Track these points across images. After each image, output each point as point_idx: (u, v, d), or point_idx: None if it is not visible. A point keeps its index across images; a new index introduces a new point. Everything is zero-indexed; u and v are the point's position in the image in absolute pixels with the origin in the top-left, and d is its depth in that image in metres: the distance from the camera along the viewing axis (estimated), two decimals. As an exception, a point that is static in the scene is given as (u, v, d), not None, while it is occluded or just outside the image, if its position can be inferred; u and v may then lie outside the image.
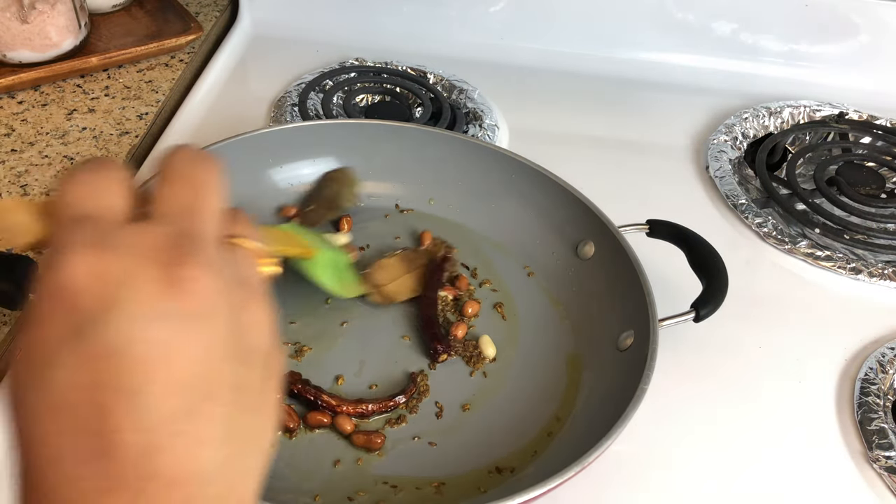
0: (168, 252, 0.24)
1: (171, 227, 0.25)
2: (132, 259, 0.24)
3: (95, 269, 0.23)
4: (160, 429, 0.23)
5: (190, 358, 0.23)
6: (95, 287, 0.23)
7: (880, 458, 0.55)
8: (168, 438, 0.23)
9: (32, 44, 0.78)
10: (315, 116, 0.80)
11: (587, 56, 0.94)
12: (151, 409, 0.23)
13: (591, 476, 0.49)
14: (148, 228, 0.25)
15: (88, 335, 0.23)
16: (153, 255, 0.24)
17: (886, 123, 0.87)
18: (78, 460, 0.22)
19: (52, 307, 0.23)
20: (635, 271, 0.58)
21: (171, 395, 0.23)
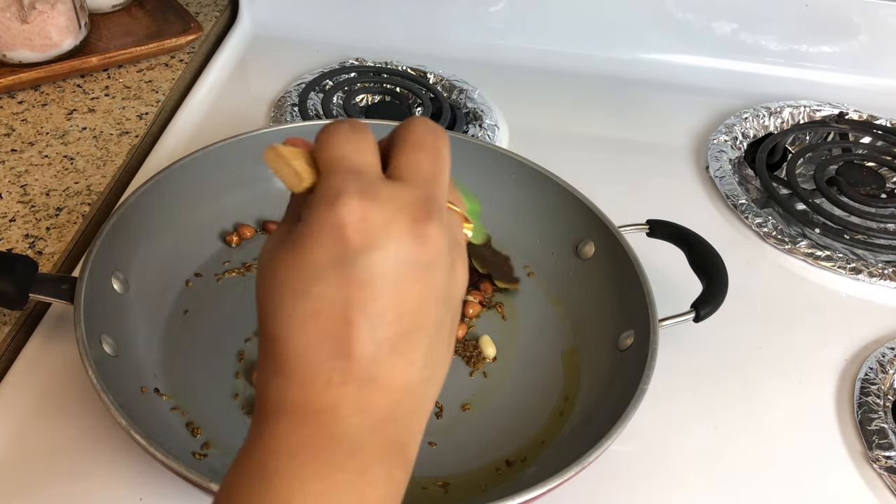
0: (417, 210, 0.29)
1: (420, 191, 0.30)
2: (391, 210, 0.29)
3: (364, 213, 0.28)
4: (385, 345, 0.29)
5: (416, 295, 0.29)
6: (363, 228, 0.28)
7: (880, 458, 0.55)
8: (388, 354, 0.29)
9: (32, 44, 0.78)
10: (315, 116, 0.80)
11: (587, 56, 0.94)
12: (382, 329, 0.29)
13: (591, 476, 0.49)
14: (404, 187, 0.30)
15: (352, 264, 0.28)
16: (406, 211, 0.29)
17: (886, 123, 0.87)
18: (324, 355, 0.28)
19: (326, 236, 0.28)
20: (635, 271, 0.58)
21: (398, 321, 0.29)
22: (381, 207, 0.29)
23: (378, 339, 0.29)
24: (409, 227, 0.29)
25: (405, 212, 0.29)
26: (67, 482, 0.50)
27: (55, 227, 0.65)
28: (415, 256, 0.29)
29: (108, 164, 0.72)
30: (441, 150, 0.32)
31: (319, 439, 0.29)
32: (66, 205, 0.67)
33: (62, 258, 0.63)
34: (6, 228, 0.64)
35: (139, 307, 0.57)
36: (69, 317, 0.51)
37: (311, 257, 0.28)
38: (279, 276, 0.29)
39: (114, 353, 0.52)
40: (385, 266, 0.28)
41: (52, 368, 0.56)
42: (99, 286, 0.54)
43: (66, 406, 0.54)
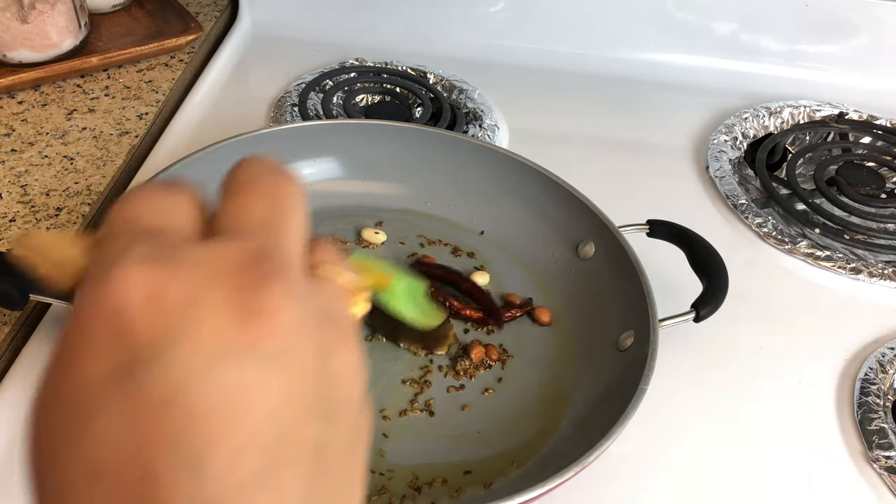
0: (244, 272, 0.19)
1: (249, 243, 0.20)
2: (200, 279, 0.19)
3: (154, 290, 0.18)
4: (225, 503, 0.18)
5: (265, 411, 0.19)
6: (153, 312, 0.18)
7: (880, 458, 0.55)
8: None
9: (32, 44, 0.78)
10: (315, 116, 0.80)
11: (587, 56, 0.94)
12: (214, 479, 0.18)
13: (591, 476, 0.49)
14: (221, 243, 0.20)
15: (140, 376, 0.18)
16: (226, 276, 0.19)
17: (886, 123, 0.87)
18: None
19: (96, 337, 0.18)
20: (635, 271, 0.58)
21: (240, 460, 0.18)
22: (184, 276, 0.19)
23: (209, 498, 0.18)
24: (230, 300, 0.19)
25: (223, 276, 0.19)
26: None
27: (55, 227, 0.65)
28: (248, 346, 0.19)
29: (108, 164, 0.72)
30: (281, 191, 0.22)
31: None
32: (66, 205, 0.67)
33: (62, 258, 0.63)
34: (6, 228, 0.64)
35: (139, 307, 0.57)
36: (69, 317, 0.51)
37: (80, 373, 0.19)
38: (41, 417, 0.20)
39: (114, 353, 0.52)
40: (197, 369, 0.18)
41: (52, 369, 0.56)
42: (99, 286, 0.54)
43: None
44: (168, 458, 0.18)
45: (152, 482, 0.18)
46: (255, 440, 0.18)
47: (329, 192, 0.70)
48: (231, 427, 0.18)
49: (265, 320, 0.19)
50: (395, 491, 0.50)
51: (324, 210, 0.69)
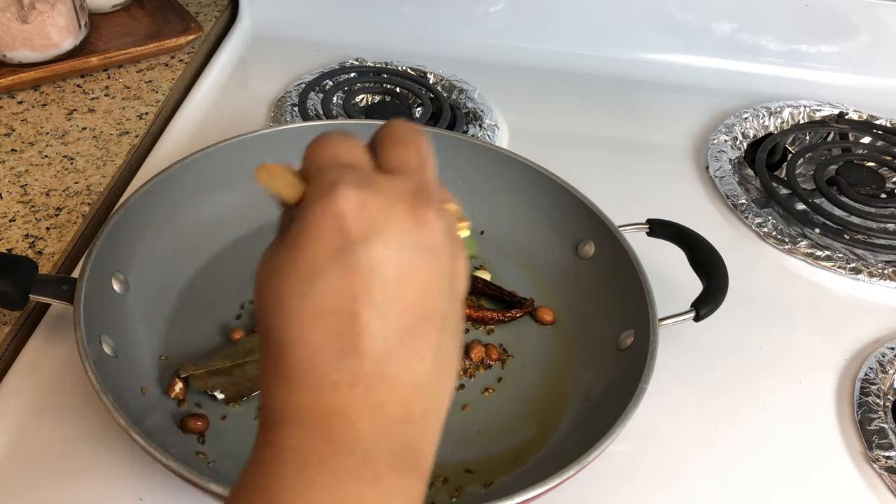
0: (415, 197, 0.28)
1: (413, 180, 0.29)
2: (389, 198, 0.28)
3: (362, 202, 0.27)
4: (393, 339, 0.28)
5: (422, 283, 0.28)
6: (362, 216, 0.27)
7: (880, 458, 0.55)
8: (398, 348, 0.28)
9: (32, 44, 0.78)
10: (315, 116, 0.80)
11: (587, 56, 0.94)
12: (390, 321, 0.27)
13: (591, 475, 0.49)
14: (398, 177, 0.29)
15: (353, 253, 0.27)
16: (404, 198, 0.28)
17: (886, 123, 0.87)
18: (331, 355, 0.27)
19: (325, 228, 0.27)
20: (635, 271, 0.58)
21: (405, 312, 0.28)
22: (378, 196, 0.28)
23: (387, 333, 0.27)
24: (408, 213, 0.28)
25: (403, 199, 0.28)
26: (67, 482, 0.50)
27: (55, 227, 0.65)
28: (417, 242, 0.28)
29: (108, 164, 0.72)
30: (423, 144, 0.32)
31: (329, 447, 0.27)
32: (66, 205, 0.67)
33: (62, 258, 0.63)
34: (6, 228, 0.64)
35: (139, 307, 0.57)
36: (69, 317, 0.51)
37: (309, 253, 0.27)
38: (277, 279, 0.28)
39: (114, 353, 0.52)
40: (388, 253, 0.27)
41: (52, 369, 0.56)
42: (99, 287, 0.54)
43: (65, 406, 0.54)
44: (367, 305, 0.27)
45: (356, 319, 0.27)
46: (414, 300, 0.28)
47: (329, 192, 0.70)
48: (402, 289, 0.28)
49: (427, 227, 0.28)
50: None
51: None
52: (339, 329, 0.27)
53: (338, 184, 0.28)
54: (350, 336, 0.27)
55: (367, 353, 0.27)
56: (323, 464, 0.27)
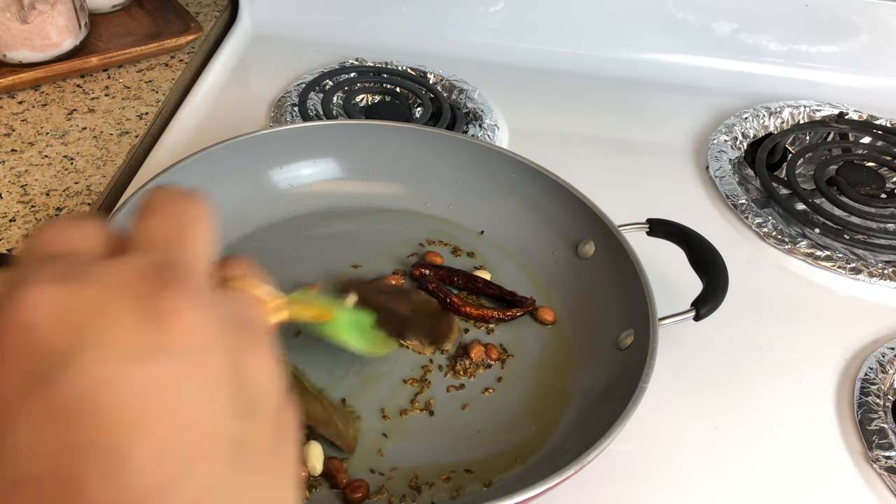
0: (147, 281, 0.20)
1: (150, 258, 0.21)
2: (104, 290, 0.20)
3: (60, 305, 0.19)
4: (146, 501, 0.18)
5: (179, 407, 0.19)
6: (60, 325, 0.19)
7: (880, 458, 0.55)
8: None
9: (32, 44, 0.78)
10: (315, 116, 0.80)
11: (587, 56, 0.94)
12: (135, 476, 0.18)
13: (591, 475, 0.49)
14: (123, 259, 0.21)
15: (52, 383, 0.18)
16: (129, 285, 0.20)
17: (886, 123, 0.87)
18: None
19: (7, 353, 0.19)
20: (635, 270, 0.58)
21: (159, 456, 0.19)
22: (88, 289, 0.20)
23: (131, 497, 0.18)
24: (133, 306, 0.20)
25: (126, 287, 0.20)
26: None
27: (55, 227, 0.65)
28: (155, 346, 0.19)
29: (108, 164, 0.72)
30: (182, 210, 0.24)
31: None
32: (66, 205, 0.67)
33: (62, 258, 0.63)
34: (6, 228, 0.64)
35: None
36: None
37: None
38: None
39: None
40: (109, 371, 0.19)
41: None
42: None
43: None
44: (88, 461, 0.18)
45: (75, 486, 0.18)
46: (171, 435, 0.19)
47: (329, 193, 0.70)
48: (147, 424, 0.19)
49: (169, 321, 0.20)
50: (395, 491, 0.50)
51: (323, 210, 0.69)
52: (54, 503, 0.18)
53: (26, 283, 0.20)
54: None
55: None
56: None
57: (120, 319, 0.19)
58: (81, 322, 0.19)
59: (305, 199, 0.69)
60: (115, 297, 0.20)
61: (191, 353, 0.20)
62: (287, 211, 0.68)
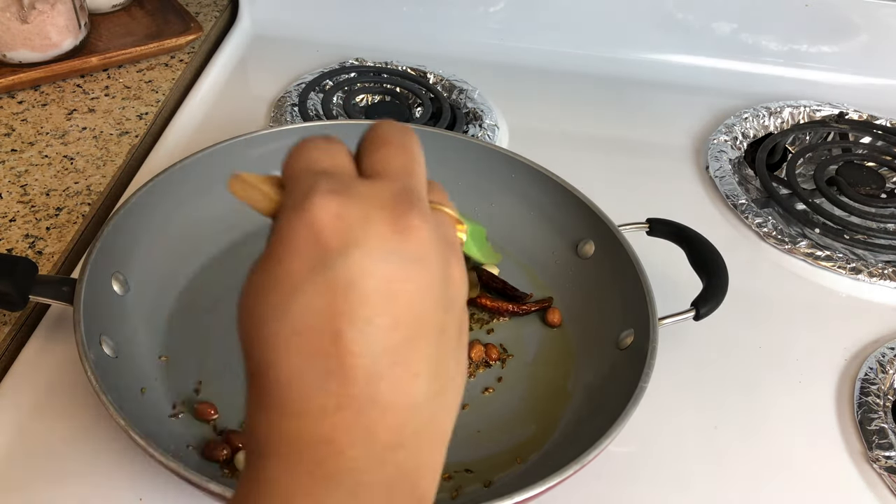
0: (396, 202, 0.26)
1: (397, 183, 0.27)
2: (368, 205, 0.26)
3: (339, 211, 0.25)
4: (383, 357, 0.25)
5: (409, 295, 0.26)
6: (339, 226, 0.25)
7: (880, 458, 0.55)
8: (388, 367, 0.25)
9: (32, 44, 0.78)
10: (315, 116, 0.80)
11: (587, 56, 0.94)
12: (378, 338, 0.25)
13: (591, 475, 0.49)
14: (378, 182, 0.27)
15: (331, 267, 0.25)
16: (385, 204, 0.26)
17: (886, 123, 0.87)
18: (315, 378, 0.25)
19: (299, 241, 0.25)
20: (635, 270, 0.58)
21: (394, 327, 0.25)
22: (357, 203, 0.26)
23: (374, 351, 0.25)
24: (390, 220, 0.26)
25: (384, 205, 0.26)
26: (67, 482, 0.50)
27: (55, 227, 0.65)
28: (400, 251, 0.26)
29: (108, 164, 0.72)
30: (410, 144, 0.30)
31: (315, 480, 0.26)
32: (66, 205, 0.67)
33: (62, 258, 0.63)
34: (6, 228, 0.64)
35: (139, 308, 0.57)
36: (69, 317, 0.51)
37: (285, 268, 0.25)
38: (254, 298, 0.26)
39: (113, 353, 0.52)
40: (369, 265, 0.25)
41: (51, 369, 0.56)
42: (99, 287, 0.54)
43: (65, 406, 0.54)
44: (348, 322, 0.25)
45: (339, 337, 0.25)
46: (403, 314, 0.26)
47: (329, 192, 0.70)
48: (388, 304, 0.25)
49: (412, 234, 0.26)
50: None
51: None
52: (322, 349, 0.25)
53: (312, 193, 0.26)
54: (334, 356, 0.25)
55: (353, 374, 0.25)
56: (309, 498, 0.26)
57: (380, 229, 0.26)
58: (353, 226, 0.25)
59: (305, 199, 0.69)
60: (376, 212, 0.26)
61: (422, 259, 0.26)
62: (287, 211, 0.68)
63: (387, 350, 0.25)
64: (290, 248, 0.26)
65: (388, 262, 0.25)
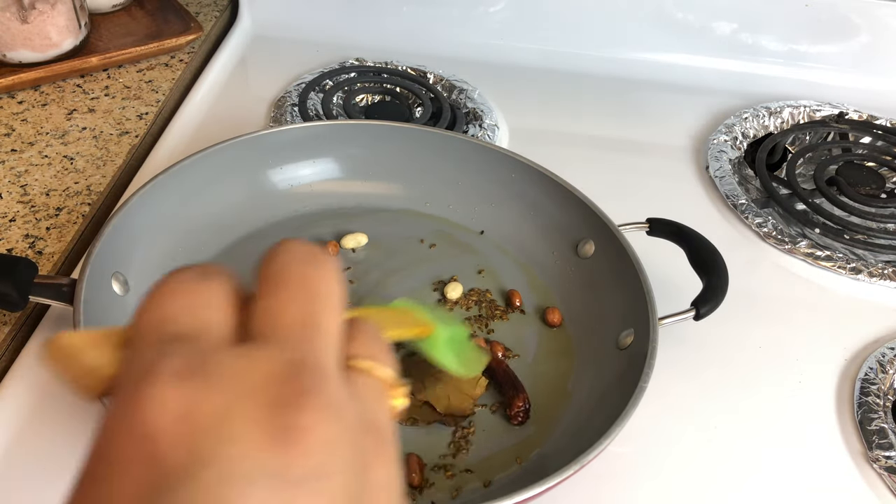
0: (280, 387, 0.19)
1: (285, 353, 0.19)
2: (233, 394, 0.18)
3: (185, 409, 0.18)
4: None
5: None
6: (183, 433, 0.18)
7: (880, 458, 0.55)
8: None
9: (32, 44, 0.78)
10: (315, 116, 0.80)
11: (587, 56, 0.94)
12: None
13: (591, 475, 0.49)
14: (255, 352, 0.19)
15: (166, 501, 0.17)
16: (259, 390, 0.18)
17: (886, 123, 0.87)
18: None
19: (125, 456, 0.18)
20: (635, 270, 0.58)
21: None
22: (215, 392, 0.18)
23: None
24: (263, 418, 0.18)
25: (257, 394, 0.18)
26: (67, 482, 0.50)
27: (55, 227, 0.65)
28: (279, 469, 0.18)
29: (108, 164, 0.72)
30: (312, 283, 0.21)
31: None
32: (66, 205, 0.67)
33: (62, 258, 0.63)
34: (6, 228, 0.64)
35: (139, 307, 0.57)
36: (69, 318, 0.51)
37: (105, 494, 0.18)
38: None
39: (114, 352, 0.52)
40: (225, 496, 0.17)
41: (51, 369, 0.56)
42: (99, 288, 0.54)
43: (65, 407, 0.54)
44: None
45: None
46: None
47: (329, 193, 0.70)
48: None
49: (299, 439, 0.18)
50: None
51: (323, 210, 0.69)
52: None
53: (150, 377, 0.18)
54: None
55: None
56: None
57: (247, 434, 0.18)
58: (206, 433, 0.18)
59: (305, 199, 0.69)
60: (244, 404, 0.18)
61: (315, 479, 0.18)
62: (287, 211, 0.68)
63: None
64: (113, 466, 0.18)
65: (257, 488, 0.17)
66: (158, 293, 0.21)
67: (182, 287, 0.21)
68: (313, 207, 0.69)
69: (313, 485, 0.18)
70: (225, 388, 0.18)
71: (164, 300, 0.21)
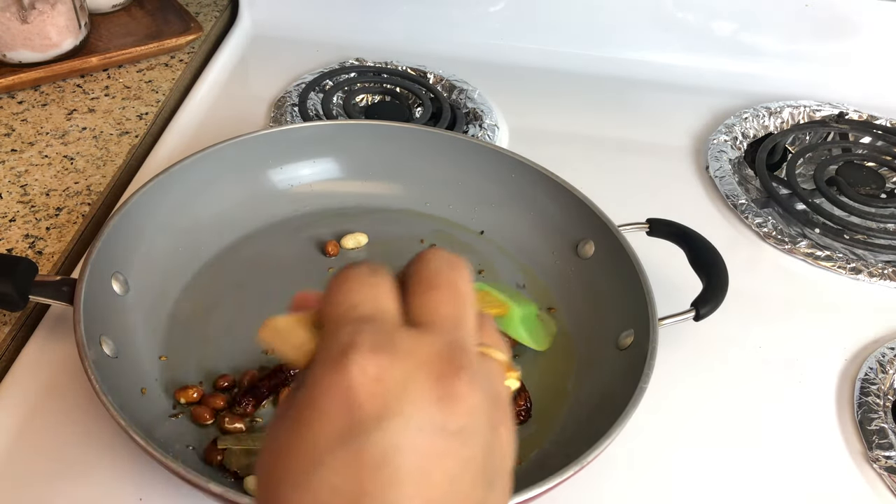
0: (443, 363, 0.24)
1: (444, 338, 0.25)
2: (411, 365, 0.24)
3: (380, 374, 0.23)
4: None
5: (447, 474, 0.23)
6: (377, 391, 0.23)
7: (880, 458, 0.55)
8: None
9: (32, 44, 0.78)
10: (315, 116, 0.80)
11: (587, 56, 0.94)
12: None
13: (590, 475, 0.49)
14: (424, 336, 0.25)
15: (363, 438, 0.23)
16: (430, 365, 0.24)
17: (886, 123, 0.87)
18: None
19: (331, 405, 0.23)
20: (635, 270, 0.58)
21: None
22: (400, 363, 0.24)
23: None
24: (433, 385, 0.24)
25: (429, 366, 0.24)
26: (67, 482, 0.50)
27: (55, 227, 0.65)
28: (442, 423, 0.23)
29: (108, 164, 0.72)
30: (460, 284, 0.27)
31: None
32: (66, 205, 0.67)
33: (62, 258, 0.63)
34: (6, 228, 0.64)
35: (139, 308, 0.57)
36: (69, 318, 0.51)
37: (312, 433, 0.23)
38: (274, 459, 0.24)
39: (113, 354, 0.52)
40: (406, 438, 0.23)
41: (51, 369, 0.56)
42: (99, 287, 0.54)
43: (65, 407, 0.54)
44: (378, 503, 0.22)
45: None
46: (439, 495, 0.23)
47: (329, 192, 0.70)
48: (422, 484, 0.23)
49: (457, 403, 0.24)
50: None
51: (323, 210, 0.69)
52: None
53: (351, 349, 0.24)
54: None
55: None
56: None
57: (421, 396, 0.23)
58: (392, 391, 0.23)
59: (305, 199, 0.69)
60: (419, 373, 0.24)
61: (465, 431, 0.24)
62: (287, 211, 0.68)
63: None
64: (320, 412, 0.23)
65: (426, 435, 0.23)
66: (341, 283, 0.26)
67: (361, 280, 0.26)
68: (313, 207, 0.69)
69: (464, 436, 0.24)
70: (405, 360, 0.24)
71: (350, 291, 0.26)
